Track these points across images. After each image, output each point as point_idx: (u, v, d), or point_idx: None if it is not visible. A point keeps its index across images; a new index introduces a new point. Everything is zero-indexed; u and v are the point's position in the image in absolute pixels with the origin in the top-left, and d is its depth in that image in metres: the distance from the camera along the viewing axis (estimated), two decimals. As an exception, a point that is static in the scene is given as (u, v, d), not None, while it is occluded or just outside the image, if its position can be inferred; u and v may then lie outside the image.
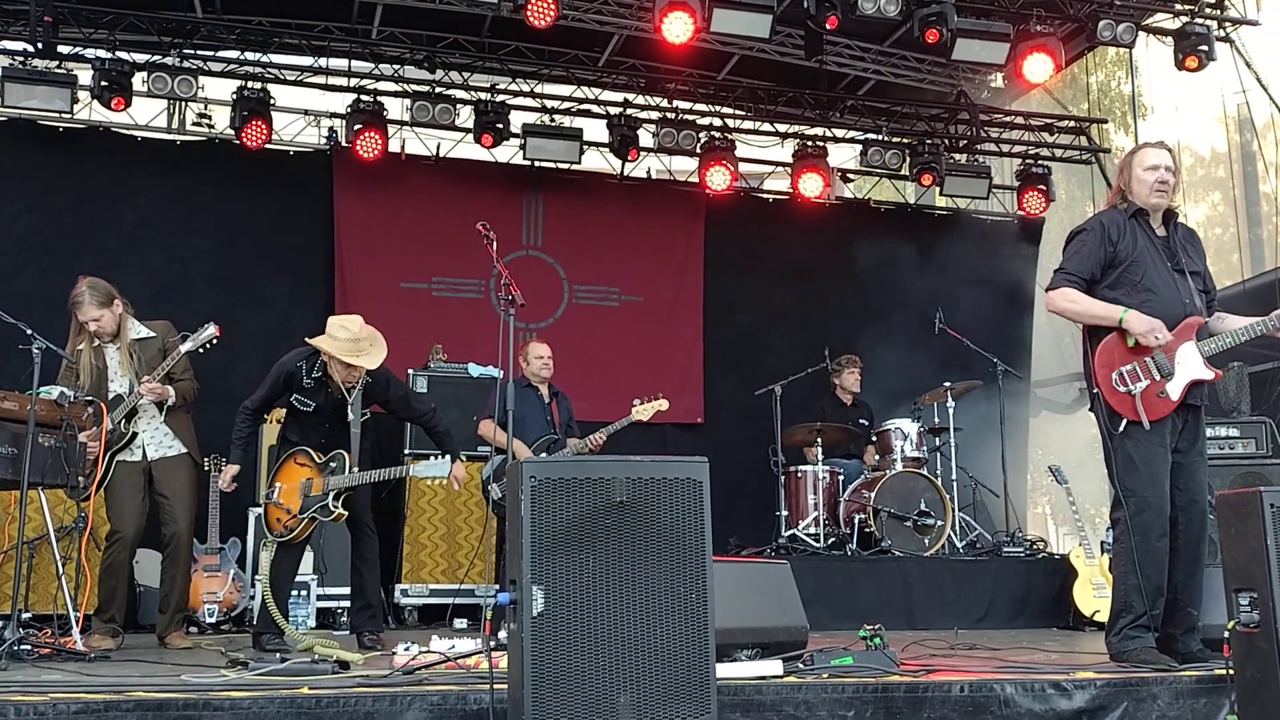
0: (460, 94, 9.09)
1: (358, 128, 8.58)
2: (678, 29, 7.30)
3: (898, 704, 3.75)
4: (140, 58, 8.32)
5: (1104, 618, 4.90)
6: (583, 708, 3.08)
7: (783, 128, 10.06)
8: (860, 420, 8.37)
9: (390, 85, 9.07)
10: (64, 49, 8.18)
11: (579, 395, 7.29)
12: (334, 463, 5.44)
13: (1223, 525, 3.79)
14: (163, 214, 8.47)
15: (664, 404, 6.59)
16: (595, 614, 3.14)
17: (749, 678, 3.79)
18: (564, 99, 9.58)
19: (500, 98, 9.17)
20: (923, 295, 9.29)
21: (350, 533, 5.64)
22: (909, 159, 9.89)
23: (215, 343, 5.49)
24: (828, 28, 7.56)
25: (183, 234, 8.50)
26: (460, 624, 7.16)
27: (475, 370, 8.01)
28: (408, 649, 4.35)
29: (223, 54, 8.75)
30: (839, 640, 4.88)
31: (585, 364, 8.59)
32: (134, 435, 5.54)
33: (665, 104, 9.72)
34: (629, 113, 9.47)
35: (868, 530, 7.34)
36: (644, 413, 6.53)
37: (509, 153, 9.40)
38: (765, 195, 10.39)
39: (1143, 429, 4.25)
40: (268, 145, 8.61)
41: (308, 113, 9.50)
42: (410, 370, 7.74)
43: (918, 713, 3.75)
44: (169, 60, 8.31)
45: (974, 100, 10.09)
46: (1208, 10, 8.50)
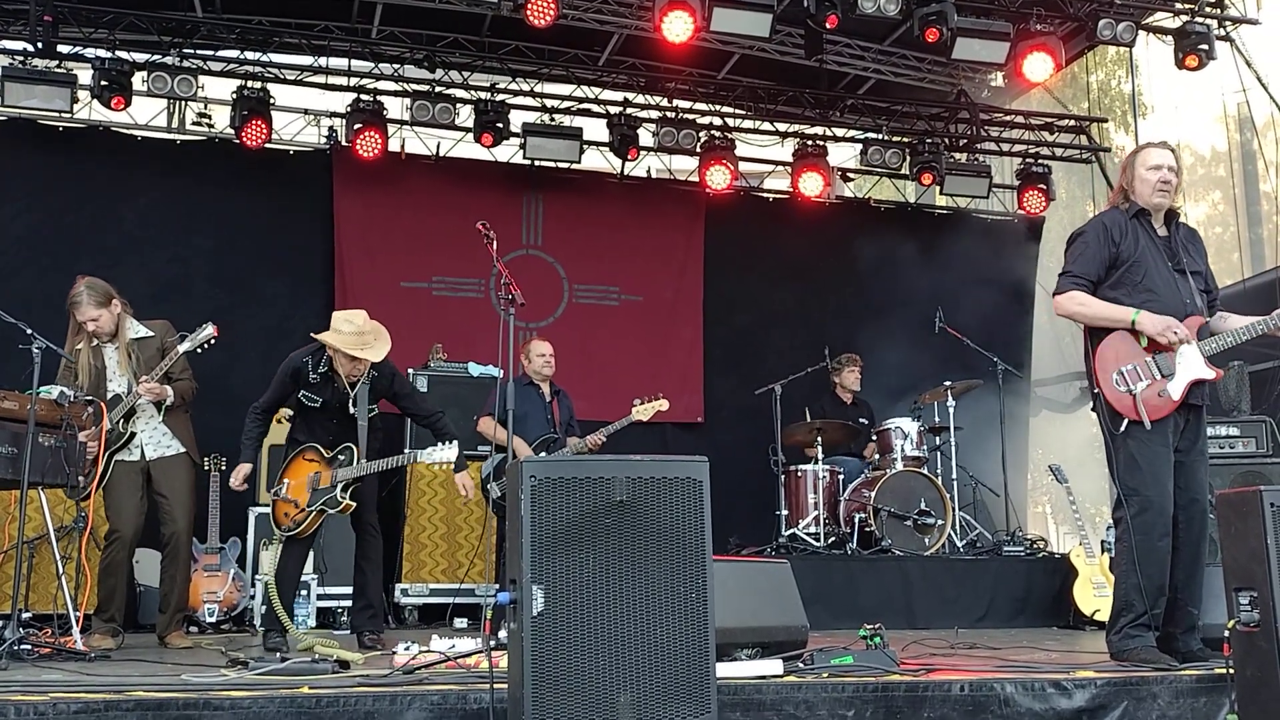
0: (460, 93, 9.09)
1: (358, 127, 8.58)
2: (678, 28, 7.30)
3: (898, 703, 3.75)
4: (140, 57, 8.32)
5: (1104, 617, 4.90)
6: (583, 707, 3.08)
7: (783, 127, 10.05)
8: (860, 419, 8.36)
9: (390, 85, 9.06)
10: (64, 48, 8.18)
11: (579, 395, 7.29)
12: (342, 455, 5.47)
13: (1223, 524, 3.79)
14: (163, 214, 8.47)
15: (664, 404, 6.59)
16: (595, 613, 3.14)
17: (749, 677, 3.79)
18: (564, 98, 9.58)
19: (500, 97, 9.16)
20: (923, 294, 9.30)
21: (355, 532, 5.64)
22: (909, 158, 9.89)
23: (213, 343, 5.49)
24: (828, 27, 7.56)
25: (183, 234, 8.50)
26: (460, 623, 7.16)
27: (475, 370, 8.01)
28: (408, 648, 4.35)
29: (222, 53, 8.74)
30: (839, 640, 4.88)
31: (585, 363, 8.59)
32: (132, 435, 5.54)
33: (665, 103, 9.72)
34: (629, 112, 9.47)
35: (868, 529, 7.34)
36: (644, 413, 6.53)
37: (509, 152, 9.40)
38: (765, 194, 10.39)
39: (1144, 428, 4.25)
40: (268, 145, 8.61)
41: (307, 112, 9.50)
42: (410, 370, 7.72)
43: (918, 712, 3.75)
44: (169, 60, 8.31)
45: (974, 99, 10.09)
46: (1208, 9, 8.50)
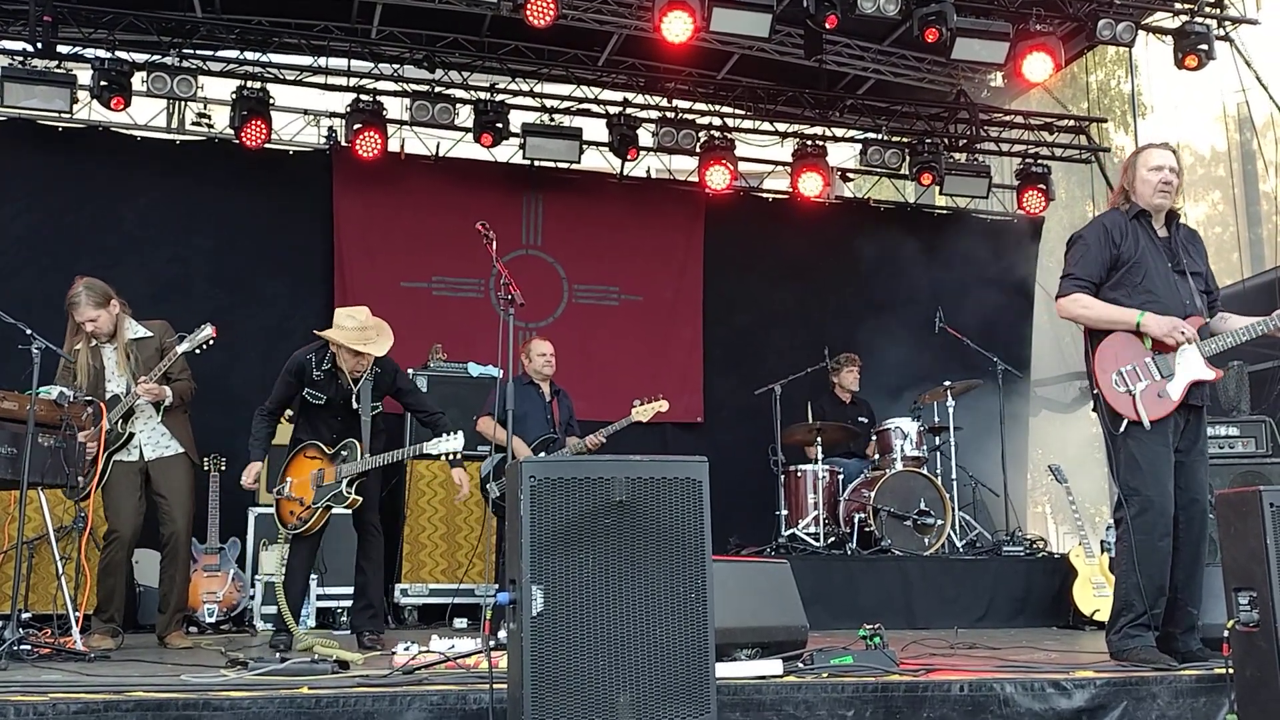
0: (460, 93, 9.08)
1: (357, 127, 8.58)
2: (677, 28, 7.30)
3: (897, 703, 3.75)
4: (139, 57, 8.32)
5: (1104, 617, 4.91)
6: (582, 707, 3.08)
7: (782, 127, 10.05)
8: (860, 418, 8.36)
9: (390, 85, 9.06)
10: (63, 49, 8.18)
11: (579, 395, 7.29)
12: (345, 451, 5.48)
13: (1222, 524, 3.79)
14: (163, 214, 8.47)
15: (664, 405, 6.59)
16: (595, 614, 3.14)
17: (749, 677, 3.79)
18: (563, 98, 9.58)
19: (500, 97, 9.16)
20: (923, 294, 9.31)
21: (356, 533, 5.64)
22: (909, 158, 9.89)
23: (212, 344, 5.49)
24: (827, 27, 7.55)
25: (183, 234, 8.50)
26: (460, 624, 7.16)
27: (475, 370, 8.01)
28: (407, 649, 4.35)
29: (222, 54, 8.74)
30: (839, 640, 4.89)
31: (585, 363, 8.58)
32: (131, 435, 5.54)
33: (665, 103, 9.72)
34: (628, 112, 9.46)
35: (868, 529, 7.34)
36: (644, 414, 6.53)
37: (509, 152, 9.40)
38: (765, 194, 10.39)
39: (1144, 429, 4.25)
40: (267, 145, 8.61)
41: (307, 112, 9.50)
42: (410, 370, 7.70)
43: (917, 712, 3.75)
44: (168, 60, 8.30)
45: (974, 99, 10.09)
46: (1207, 9, 8.50)
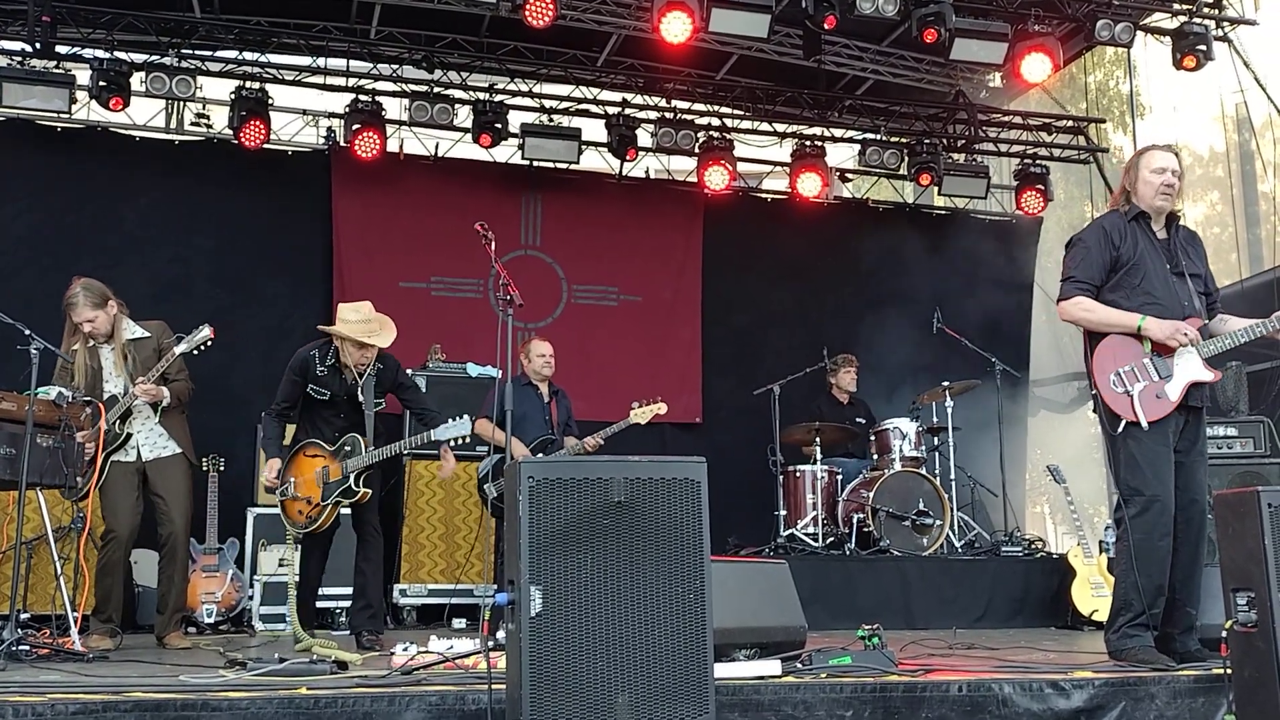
0: (459, 94, 9.08)
1: (356, 127, 8.57)
2: (676, 29, 7.30)
3: (896, 704, 3.75)
4: (138, 58, 8.31)
5: (1102, 617, 4.92)
6: (581, 708, 3.08)
7: (781, 127, 10.05)
8: (858, 419, 8.37)
9: (388, 85, 9.06)
10: (62, 49, 8.17)
11: (577, 395, 7.30)
12: (348, 446, 5.48)
13: (1220, 525, 3.80)
14: (163, 214, 8.47)
15: (662, 407, 6.59)
16: (593, 614, 3.14)
17: (747, 678, 3.79)
18: (562, 99, 9.58)
19: (499, 97, 9.15)
20: (921, 295, 9.32)
21: (356, 533, 5.64)
22: (907, 158, 9.89)
23: (210, 344, 5.49)
24: (826, 27, 7.55)
25: (183, 234, 8.50)
26: (458, 624, 7.16)
27: (474, 370, 8.00)
28: (406, 649, 4.35)
29: (221, 54, 8.74)
30: (837, 640, 4.89)
31: (584, 364, 8.59)
32: (128, 436, 5.54)
33: (664, 104, 9.71)
34: (627, 112, 9.47)
35: (866, 530, 7.34)
36: (642, 416, 6.53)
37: (507, 152, 9.39)
38: (764, 195, 10.39)
39: (1142, 429, 4.26)
40: (266, 145, 8.61)
41: (306, 113, 9.49)
42: (409, 370, 7.71)
43: (916, 712, 3.75)
44: (167, 60, 8.29)
45: (972, 100, 10.09)
46: (1205, 10, 8.50)
